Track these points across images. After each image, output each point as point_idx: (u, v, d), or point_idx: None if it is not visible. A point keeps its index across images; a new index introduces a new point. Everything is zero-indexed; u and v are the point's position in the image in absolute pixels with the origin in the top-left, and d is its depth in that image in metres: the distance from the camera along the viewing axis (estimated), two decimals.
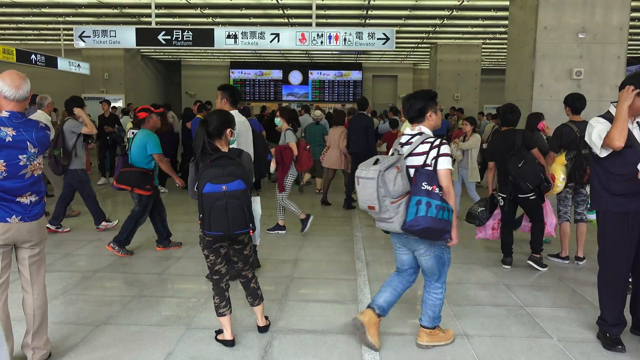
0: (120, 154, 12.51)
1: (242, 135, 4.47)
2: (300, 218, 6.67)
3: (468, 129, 7.58)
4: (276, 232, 6.67)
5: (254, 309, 3.62)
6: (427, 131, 3.26)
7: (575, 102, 5.24)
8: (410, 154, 3.19)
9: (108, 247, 5.51)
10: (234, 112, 4.38)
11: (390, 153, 3.34)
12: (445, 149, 3.14)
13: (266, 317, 3.73)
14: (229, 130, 3.30)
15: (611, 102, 3.52)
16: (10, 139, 2.84)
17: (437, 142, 3.16)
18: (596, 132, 3.33)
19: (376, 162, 3.10)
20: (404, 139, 3.29)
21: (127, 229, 5.49)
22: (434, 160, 3.12)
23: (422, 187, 3.01)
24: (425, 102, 3.24)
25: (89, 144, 7.75)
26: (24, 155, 2.90)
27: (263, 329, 3.65)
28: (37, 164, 2.99)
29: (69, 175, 6.45)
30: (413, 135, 3.26)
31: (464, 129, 7.72)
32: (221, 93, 4.62)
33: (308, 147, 6.72)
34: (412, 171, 3.15)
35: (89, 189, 6.60)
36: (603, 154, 3.33)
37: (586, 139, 3.48)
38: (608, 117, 3.40)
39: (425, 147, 3.16)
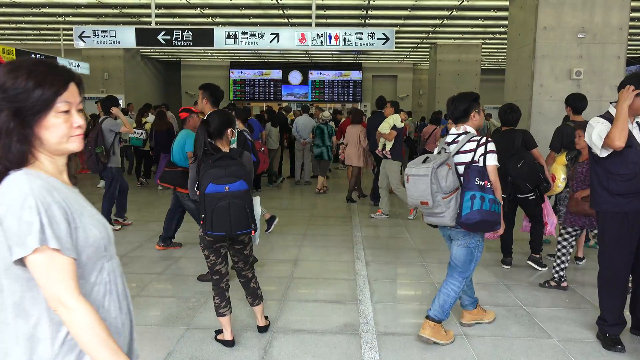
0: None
1: None
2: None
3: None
4: (272, 226, 6.42)
5: (253, 308, 3.62)
6: (472, 130, 3.47)
7: (576, 102, 5.24)
8: (458, 152, 3.39)
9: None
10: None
11: (436, 151, 3.53)
12: (491, 146, 3.35)
13: (266, 317, 3.74)
14: (229, 130, 3.30)
15: (610, 102, 3.52)
16: None
17: (484, 140, 3.36)
18: (596, 132, 3.33)
19: (425, 161, 3.30)
20: (449, 138, 3.50)
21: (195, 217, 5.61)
22: (482, 157, 3.31)
23: (475, 183, 3.22)
24: (469, 104, 3.48)
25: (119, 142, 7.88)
26: None
27: (263, 329, 3.65)
28: None
29: (106, 172, 6.64)
30: (459, 135, 3.46)
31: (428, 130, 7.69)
32: (202, 92, 4.54)
33: (263, 149, 6.72)
34: (460, 168, 3.34)
35: (114, 189, 6.72)
36: (603, 154, 3.32)
37: (586, 139, 3.48)
38: (608, 117, 3.39)
39: (472, 145, 3.37)
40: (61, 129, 1.34)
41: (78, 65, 15.39)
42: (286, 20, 13.77)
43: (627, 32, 7.98)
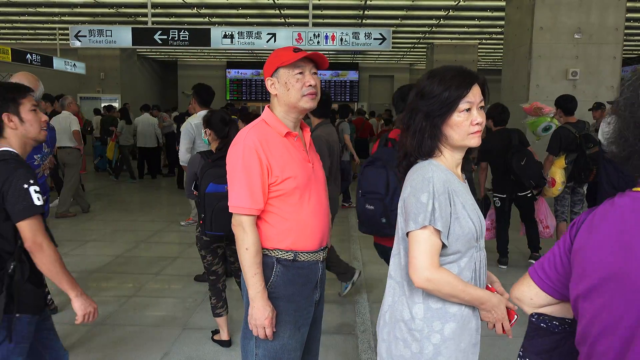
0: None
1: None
2: None
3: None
4: None
5: None
6: None
7: (567, 104, 5.25)
8: None
9: None
10: (200, 113, 4.40)
11: None
12: None
13: None
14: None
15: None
16: None
17: None
18: None
19: None
20: None
21: None
22: None
23: None
24: None
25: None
26: (39, 155, 2.91)
27: None
28: (47, 164, 3.02)
29: None
30: None
31: None
32: (192, 93, 4.67)
33: None
34: None
35: None
36: None
37: (600, 137, 3.43)
38: None
39: None
40: (463, 126, 1.51)
41: (74, 64, 15.34)
42: (283, 20, 13.77)
43: (622, 33, 8.01)
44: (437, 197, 1.45)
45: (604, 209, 1.08)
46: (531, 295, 1.25)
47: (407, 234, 1.49)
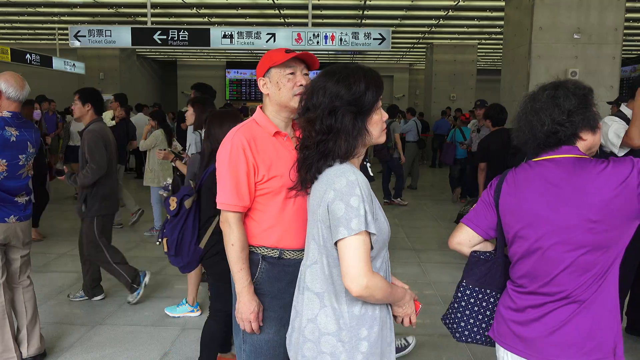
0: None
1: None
2: None
3: (153, 123, 6.40)
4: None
5: None
6: None
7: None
8: None
9: None
10: None
11: None
12: None
13: None
14: None
15: (623, 103, 3.47)
16: (15, 139, 2.87)
17: None
18: (612, 131, 3.27)
19: None
20: None
21: None
22: None
23: None
24: None
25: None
26: (24, 155, 2.93)
27: None
28: (31, 165, 3.03)
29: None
30: None
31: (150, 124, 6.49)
32: (193, 92, 4.63)
33: None
34: None
35: None
36: (621, 153, 3.26)
37: (608, 137, 3.42)
38: (621, 116, 3.35)
39: None
40: (380, 123, 1.54)
41: (73, 64, 15.34)
42: (282, 20, 13.77)
43: (622, 33, 8.01)
44: (366, 199, 1.42)
45: (524, 175, 1.63)
46: (469, 238, 1.76)
47: (337, 241, 1.43)
